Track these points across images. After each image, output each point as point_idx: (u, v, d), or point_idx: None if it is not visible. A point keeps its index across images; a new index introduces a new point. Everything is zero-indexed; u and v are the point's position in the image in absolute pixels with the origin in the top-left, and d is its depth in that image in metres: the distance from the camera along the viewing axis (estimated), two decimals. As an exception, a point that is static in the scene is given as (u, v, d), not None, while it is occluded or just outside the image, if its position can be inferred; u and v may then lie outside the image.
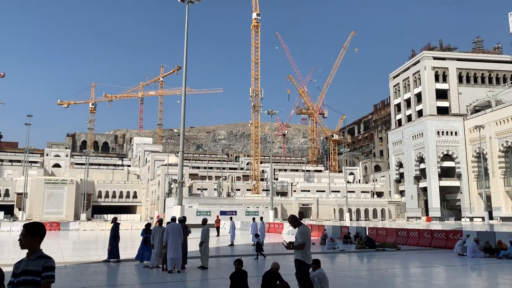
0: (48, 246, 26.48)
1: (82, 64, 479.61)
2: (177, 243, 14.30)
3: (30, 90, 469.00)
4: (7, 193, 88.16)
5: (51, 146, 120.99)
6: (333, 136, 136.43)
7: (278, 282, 9.94)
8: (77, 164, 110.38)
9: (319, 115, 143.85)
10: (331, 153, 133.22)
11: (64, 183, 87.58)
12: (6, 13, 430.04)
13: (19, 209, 78.52)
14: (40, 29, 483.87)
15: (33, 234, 4.15)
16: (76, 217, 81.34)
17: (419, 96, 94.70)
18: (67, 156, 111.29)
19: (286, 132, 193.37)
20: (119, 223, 18.92)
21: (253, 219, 28.12)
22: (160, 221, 16.30)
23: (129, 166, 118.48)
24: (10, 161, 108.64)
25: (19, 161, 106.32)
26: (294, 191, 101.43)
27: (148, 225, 18.05)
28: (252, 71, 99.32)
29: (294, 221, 9.12)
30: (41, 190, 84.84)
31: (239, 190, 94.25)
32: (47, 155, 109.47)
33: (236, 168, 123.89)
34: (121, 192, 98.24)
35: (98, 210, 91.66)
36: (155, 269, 14.90)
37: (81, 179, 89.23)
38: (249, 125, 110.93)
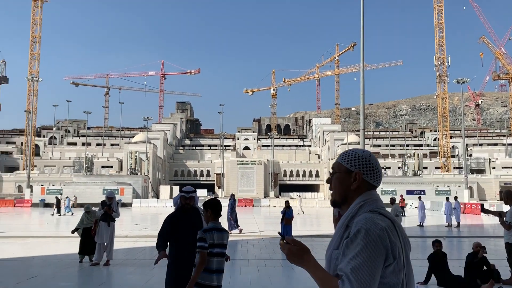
0: (245, 220, 29.30)
1: (264, 53, 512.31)
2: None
3: (221, 82, 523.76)
4: (208, 174, 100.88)
5: (240, 131, 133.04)
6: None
7: (484, 267, 8.92)
8: (263, 146, 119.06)
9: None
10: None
11: (253, 163, 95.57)
12: (200, 17, 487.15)
13: (219, 187, 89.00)
14: (226, 28, 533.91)
15: (205, 208, 4.67)
16: (266, 195, 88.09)
17: None
18: (254, 139, 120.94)
19: (480, 102, 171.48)
20: (236, 200, 20.06)
21: (447, 198, 25.95)
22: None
23: (309, 146, 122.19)
24: (209, 145, 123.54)
25: (215, 145, 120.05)
26: (493, 168, 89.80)
27: (287, 203, 18.06)
28: (435, 37, 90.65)
29: (508, 198, 8.00)
30: (235, 171, 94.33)
31: (426, 168, 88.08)
32: (237, 139, 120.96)
33: (421, 145, 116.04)
34: (303, 171, 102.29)
35: (284, 188, 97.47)
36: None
37: (267, 160, 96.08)
38: (435, 97, 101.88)
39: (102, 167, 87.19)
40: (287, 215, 16.78)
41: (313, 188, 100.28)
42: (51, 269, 10.72)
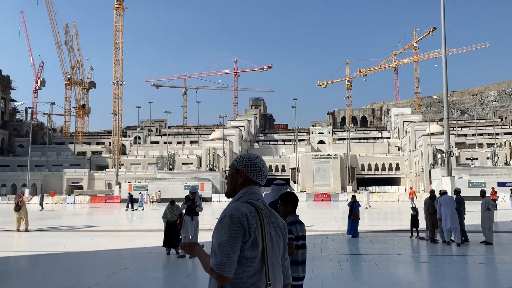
0: (322, 215, 29.04)
1: (336, 44, 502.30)
2: (453, 213, 13.40)
3: (293, 76, 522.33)
4: (283, 168, 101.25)
5: (314, 125, 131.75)
6: None
7: None
8: (338, 139, 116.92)
9: None
10: None
11: (329, 157, 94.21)
12: (269, 12, 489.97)
13: (294, 182, 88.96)
14: (296, 21, 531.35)
15: (286, 202, 4.65)
16: (343, 189, 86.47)
17: None
18: (329, 132, 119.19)
19: None
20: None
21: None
22: (431, 193, 15.52)
23: (388, 138, 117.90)
24: (283, 140, 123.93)
25: (289, 140, 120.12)
26: None
27: (353, 197, 17.11)
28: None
29: None
30: (310, 165, 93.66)
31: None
32: (312, 133, 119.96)
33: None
34: (383, 165, 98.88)
35: (362, 182, 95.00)
36: (428, 241, 14.27)
37: (344, 153, 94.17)
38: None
39: (183, 163, 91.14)
40: (355, 209, 16.12)
41: (393, 181, 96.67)
42: (141, 261, 11.38)
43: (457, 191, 15.23)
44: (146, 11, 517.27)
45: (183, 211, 11.83)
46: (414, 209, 16.32)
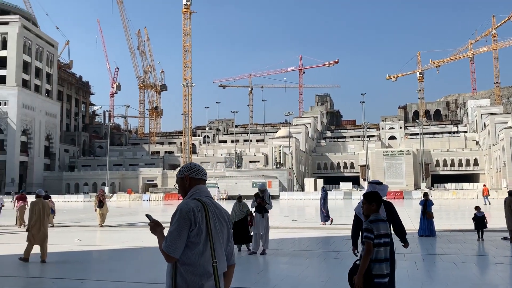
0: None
1: (406, 35, 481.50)
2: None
3: (361, 70, 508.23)
4: (352, 166, 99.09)
5: (384, 120, 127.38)
6: None
7: None
8: (411, 134, 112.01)
9: None
10: None
11: (401, 154, 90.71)
12: (334, 6, 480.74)
13: (364, 180, 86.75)
14: (362, 13, 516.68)
15: (369, 201, 4.67)
16: (416, 186, 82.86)
17: None
18: (400, 127, 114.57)
19: None
20: (327, 192, 20.85)
21: None
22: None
23: (465, 132, 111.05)
24: (351, 137, 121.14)
25: (358, 136, 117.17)
26: None
27: (425, 195, 16.01)
28: None
29: None
30: (381, 162, 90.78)
31: None
32: (382, 128, 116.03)
33: None
34: (459, 160, 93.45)
35: (437, 179, 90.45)
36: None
37: (417, 149, 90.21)
38: None
39: (250, 161, 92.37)
40: (428, 207, 15.30)
41: (471, 178, 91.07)
42: (213, 256, 11.67)
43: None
44: (211, 12, 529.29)
45: (253, 209, 11.97)
46: (478, 208, 14.89)
